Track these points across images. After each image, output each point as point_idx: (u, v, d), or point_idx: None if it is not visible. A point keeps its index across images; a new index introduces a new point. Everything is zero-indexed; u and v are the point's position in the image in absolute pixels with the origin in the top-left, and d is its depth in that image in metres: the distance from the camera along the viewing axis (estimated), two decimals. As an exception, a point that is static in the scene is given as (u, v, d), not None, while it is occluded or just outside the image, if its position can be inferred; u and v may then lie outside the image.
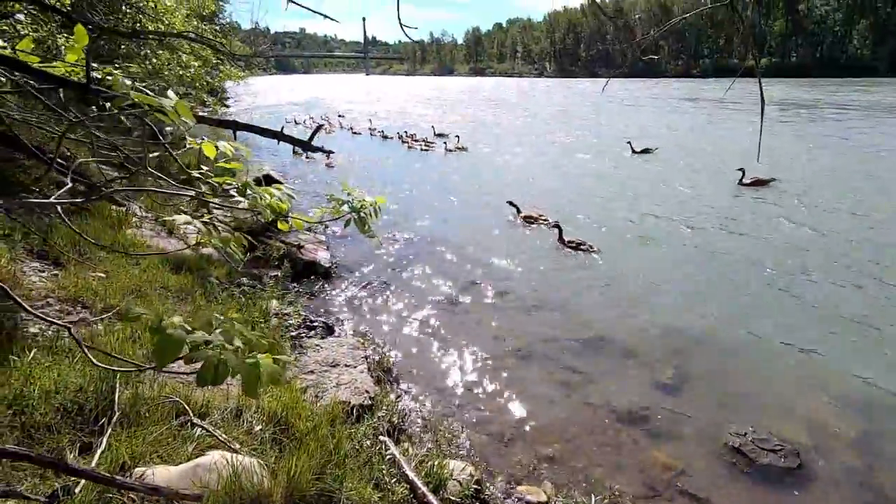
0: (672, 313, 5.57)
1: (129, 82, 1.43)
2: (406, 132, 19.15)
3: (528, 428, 3.80)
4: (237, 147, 1.48)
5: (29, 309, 1.21)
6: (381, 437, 3.15)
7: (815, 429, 3.78)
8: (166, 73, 7.77)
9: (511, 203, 9.07)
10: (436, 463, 2.99)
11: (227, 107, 29.36)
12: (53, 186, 4.66)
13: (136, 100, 1.20)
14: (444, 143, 17.36)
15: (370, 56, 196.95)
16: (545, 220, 8.70)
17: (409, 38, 1.65)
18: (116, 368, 1.99)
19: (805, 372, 4.49)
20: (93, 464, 2.05)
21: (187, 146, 1.66)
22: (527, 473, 3.36)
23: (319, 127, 2.23)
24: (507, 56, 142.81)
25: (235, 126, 1.67)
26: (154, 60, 7.45)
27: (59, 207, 1.47)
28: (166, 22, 7.15)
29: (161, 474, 2.06)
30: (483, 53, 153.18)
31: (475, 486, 3.00)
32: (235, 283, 5.01)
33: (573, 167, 14.03)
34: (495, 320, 5.48)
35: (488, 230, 8.62)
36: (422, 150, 16.83)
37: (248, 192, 1.66)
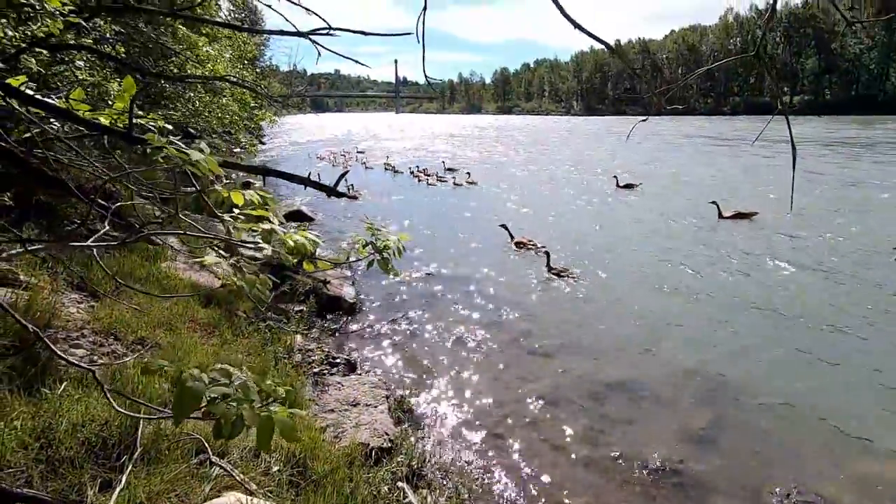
0: (694, 356, 5.35)
1: (169, 126, 1.52)
2: (418, 167, 19.79)
3: (552, 479, 3.63)
4: (263, 195, 1.52)
5: (59, 353, 1.24)
6: (400, 483, 3.07)
7: (867, 492, 3.49)
8: (207, 114, 8.21)
9: (504, 227, 9.68)
10: (455, 514, 2.88)
11: (263, 143, 30.76)
12: (98, 221, 4.90)
13: (170, 153, 1.27)
14: (453, 178, 17.94)
15: (401, 95, 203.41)
16: (534, 245, 9.26)
17: (434, 88, 1.70)
18: (138, 415, 2.02)
19: (850, 425, 4.17)
20: (111, 503, 2.05)
21: (216, 188, 1.72)
22: (551, 528, 3.19)
23: (346, 172, 2.29)
24: (534, 95, 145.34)
25: (265, 172, 1.73)
26: (196, 103, 7.90)
27: (94, 250, 1.53)
28: (209, 67, 7.60)
29: (176, 516, 2.04)
30: (511, 93, 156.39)
31: (496, 541, 2.86)
32: (261, 318, 5.08)
33: (569, 200, 14.62)
34: (516, 362, 5.35)
35: (497, 260, 8.91)
36: (428, 184, 17.41)
37: (275, 236, 1.71)
